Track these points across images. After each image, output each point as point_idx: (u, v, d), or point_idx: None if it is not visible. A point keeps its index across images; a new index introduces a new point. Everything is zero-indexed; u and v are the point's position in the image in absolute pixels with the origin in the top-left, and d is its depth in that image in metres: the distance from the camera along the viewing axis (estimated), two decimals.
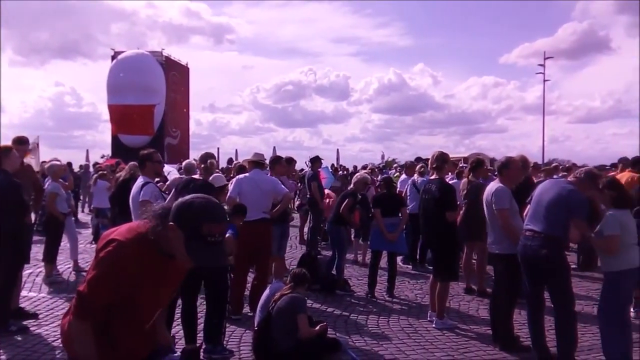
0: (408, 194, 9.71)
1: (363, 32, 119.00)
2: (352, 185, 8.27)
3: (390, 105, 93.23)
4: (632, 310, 6.16)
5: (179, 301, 5.30)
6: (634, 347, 5.09)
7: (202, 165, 6.64)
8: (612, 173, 9.91)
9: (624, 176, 8.10)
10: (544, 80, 45.33)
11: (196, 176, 6.58)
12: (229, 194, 6.50)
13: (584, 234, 4.92)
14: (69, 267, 9.31)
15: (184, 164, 8.83)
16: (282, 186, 6.85)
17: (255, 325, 5.46)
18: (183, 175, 7.74)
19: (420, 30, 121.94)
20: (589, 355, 5.43)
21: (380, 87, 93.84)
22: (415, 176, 10.00)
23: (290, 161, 8.99)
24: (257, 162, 6.97)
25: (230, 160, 21.02)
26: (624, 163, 10.38)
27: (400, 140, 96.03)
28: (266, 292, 5.75)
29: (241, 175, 7.02)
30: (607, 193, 4.97)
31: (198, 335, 5.42)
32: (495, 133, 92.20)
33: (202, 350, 5.05)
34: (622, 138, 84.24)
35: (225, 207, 6.65)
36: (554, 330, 5.10)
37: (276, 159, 7.66)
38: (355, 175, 8.80)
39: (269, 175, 7.22)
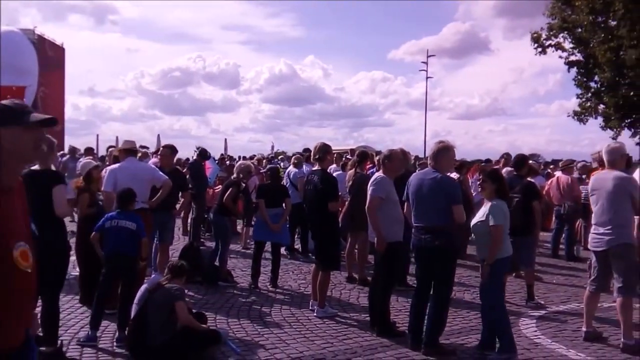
0: (285, 184, 9.76)
1: (254, 21, 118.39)
2: (235, 175, 8.14)
3: (281, 96, 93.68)
4: None
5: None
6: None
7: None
8: (495, 167, 10.62)
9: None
10: (427, 78, 47.83)
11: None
12: (103, 187, 6.14)
13: (460, 220, 5.20)
14: None
15: None
16: (161, 173, 6.58)
17: (131, 319, 5.21)
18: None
19: (312, 22, 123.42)
20: (458, 338, 5.74)
21: (271, 77, 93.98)
22: (290, 167, 10.11)
23: (173, 149, 8.69)
24: (129, 150, 6.61)
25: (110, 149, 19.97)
26: (506, 158, 11.21)
27: (290, 131, 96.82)
28: (144, 285, 5.52)
29: (114, 166, 6.64)
30: (489, 185, 5.27)
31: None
32: (383, 127, 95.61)
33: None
34: (497, 135, 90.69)
35: (101, 202, 6.32)
36: (427, 314, 5.34)
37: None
38: (238, 164, 8.67)
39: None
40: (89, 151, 13.28)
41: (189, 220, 11.48)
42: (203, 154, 11.24)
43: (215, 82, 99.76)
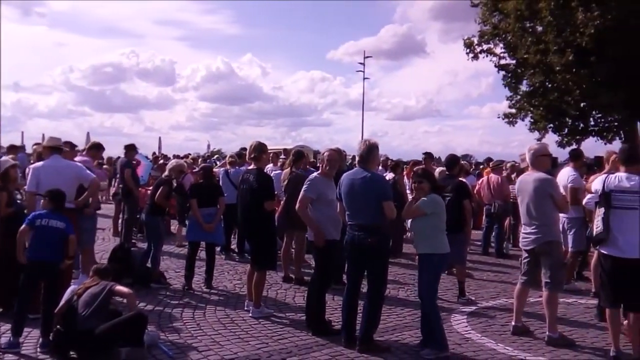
0: (221, 183, 9.61)
1: (190, 17, 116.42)
2: (166, 173, 7.93)
3: (218, 94, 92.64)
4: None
5: None
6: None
7: None
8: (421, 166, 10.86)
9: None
10: (364, 78, 48.72)
11: None
12: (26, 187, 5.83)
13: (391, 216, 5.26)
14: None
15: None
16: (88, 172, 6.31)
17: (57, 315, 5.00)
18: None
19: (249, 20, 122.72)
20: (392, 335, 5.81)
21: (208, 74, 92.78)
22: (228, 166, 9.99)
23: (99, 147, 8.39)
24: (54, 148, 6.29)
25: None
26: (426, 158, 11.53)
27: (228, 130, 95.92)
28: (70, 287, 5.29)
29: (37, 164, 6.32)
30: (426, 184, 5.36)
31: None
32: (321, 126, 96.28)
33: None
34: (432, 135, 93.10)
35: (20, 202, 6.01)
36: (361, 311, 5.38)
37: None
38: (170, 162, 8.47)
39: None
40: (11, 149, 12.59)
41: (120, 221, 11.12)
42: (130, 149, 10.84)
43: (149, 79, 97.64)
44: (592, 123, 23.87)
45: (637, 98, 20.26)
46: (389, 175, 10.68)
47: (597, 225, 5.17)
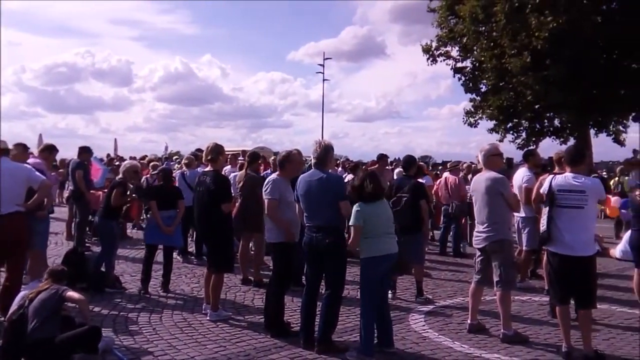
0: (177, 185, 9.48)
1: (146, 16, 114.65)
2: (120, 175, 7.76)
3: (177, 95, 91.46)
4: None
5: None
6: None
7: None
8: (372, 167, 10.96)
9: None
10: (324, 80, 49.02)
11: None
12: None
13: (347, 215, 5.26)
14: None
15: None
16: (38, 173, 6.09)
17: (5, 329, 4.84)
18: None
19: (207, 21, 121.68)
20: (351, 335, 5.80)
21: (166, 75, 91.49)
22: (184, 168, 9.88)
23: (52, 149, 8.16)
24: (1, 150, 6.02)
25: None
26: (381, 159, 11.63)
27: (187, 131, 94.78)
28: (22, 292, 5.13)
29: None
30: (367, 185, 5.33)
31: None
32: (281, 128, 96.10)
33: None
34: (392, 137, 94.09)
35: None
36: (320, 312, 5.38)
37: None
38: (124, 163, 8.28)
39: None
40: None
41: (73, 224, 10.84)
42: (84, 151, 10.58)
43: (105, 79, 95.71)
44: (547, 124, 24.57)
45: (588, 99, 20.93)
46: (349, 177, 10.72)
47: (543, 225, 5.31)
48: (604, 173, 23.03)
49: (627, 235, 6.38)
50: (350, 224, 5.21)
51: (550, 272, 5.49)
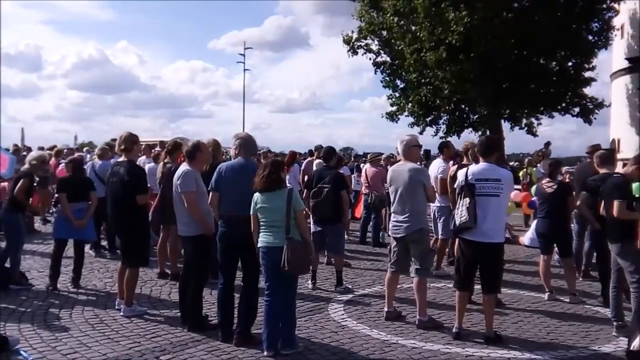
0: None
1: None
2: (26, 165, 7.32)
3: (90, 83, 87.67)
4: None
5: None
6: None
7: None
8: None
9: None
10: (244, 70, 49.25)
11: None
12: None
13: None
14: None
15: None
16: None
17: None
18: None
19: (124, 5, 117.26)
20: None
21: (79, 61, 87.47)
22: (95, 159, 9.48)
23: None
24: None
25: None
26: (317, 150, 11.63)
27: (101, 120, 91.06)
28: None
29: None
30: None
31: None
32: (202, 118, 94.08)
33: None
34: (315, 128, 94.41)
35: None
36: (238, 305, 5.30)
37: None
38: (30, 154, 7.82)
39: None
40: None
41: None
42: None
43: (12, 65, 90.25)
44: (465, 117, 25.47)
45: (500, 93, 21.89)
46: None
47: (462, 215, 5.46)
48: (516, 164, 24.20)
49: (534, 224, 6.72)
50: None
51: (459, 259, 5.67)
